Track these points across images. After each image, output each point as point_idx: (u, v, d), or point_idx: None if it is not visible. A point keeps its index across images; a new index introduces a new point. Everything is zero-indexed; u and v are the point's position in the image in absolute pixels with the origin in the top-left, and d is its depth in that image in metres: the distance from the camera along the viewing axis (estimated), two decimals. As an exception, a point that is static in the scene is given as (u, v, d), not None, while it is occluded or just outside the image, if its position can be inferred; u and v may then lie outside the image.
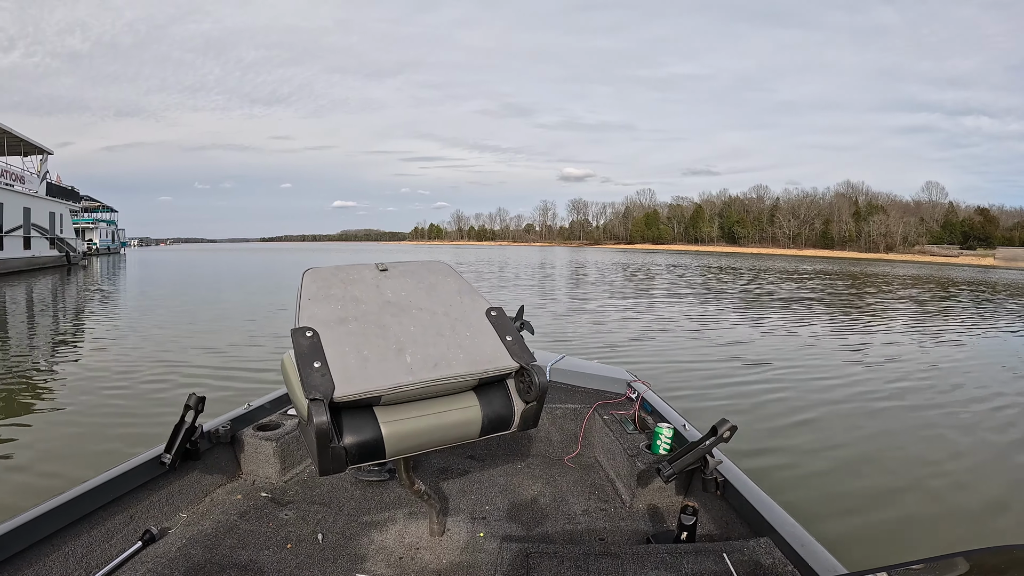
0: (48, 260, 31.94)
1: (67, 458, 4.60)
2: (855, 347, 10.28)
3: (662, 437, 2.64)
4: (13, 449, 4.81)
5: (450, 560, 2.13)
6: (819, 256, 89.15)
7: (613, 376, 3.58)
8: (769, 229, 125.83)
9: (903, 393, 7.08)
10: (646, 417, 3.06)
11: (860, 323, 13.60)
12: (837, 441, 5.29)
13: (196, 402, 2.36)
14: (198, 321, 12.48)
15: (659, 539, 2.18)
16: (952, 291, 25.03)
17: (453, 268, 1.88)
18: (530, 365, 1.62)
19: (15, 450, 4.79)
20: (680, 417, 2.89)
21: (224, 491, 2.62)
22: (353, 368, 1.44)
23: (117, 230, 63.59)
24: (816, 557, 1.66)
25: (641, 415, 3.07)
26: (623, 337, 10.74)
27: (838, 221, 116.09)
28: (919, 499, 4.15)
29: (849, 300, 19.32)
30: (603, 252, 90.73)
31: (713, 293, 20.67)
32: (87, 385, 6.91)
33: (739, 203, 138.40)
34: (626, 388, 3.39)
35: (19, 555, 1.77)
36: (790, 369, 8.23)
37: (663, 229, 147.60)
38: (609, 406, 3.24)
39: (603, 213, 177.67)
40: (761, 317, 14.20)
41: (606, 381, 3.48)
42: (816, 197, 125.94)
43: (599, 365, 3.99)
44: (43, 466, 4.41)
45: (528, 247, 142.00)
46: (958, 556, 0.89)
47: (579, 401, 3.32)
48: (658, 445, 2.65)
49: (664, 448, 2.63)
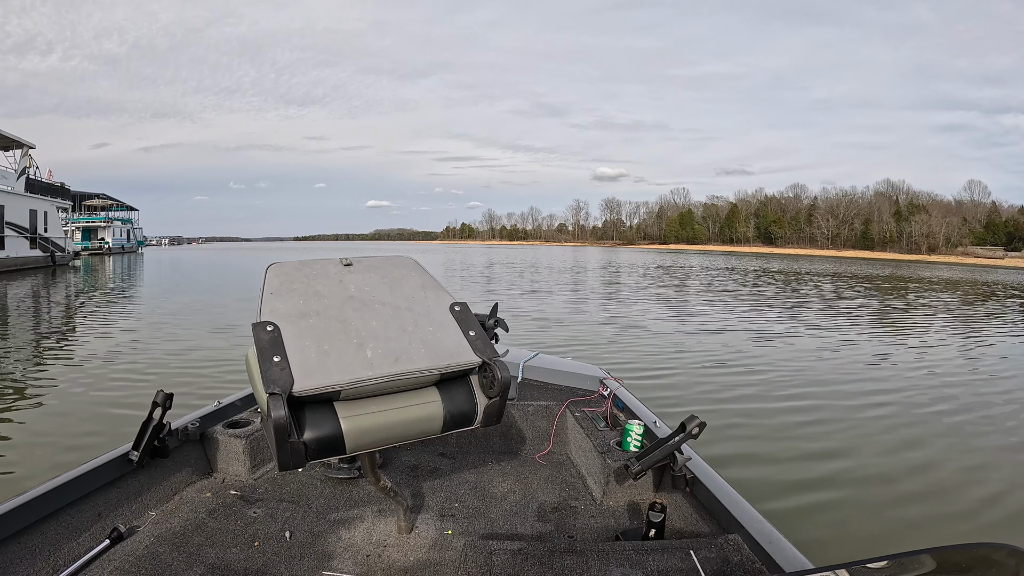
0: (28, 261, 28.80)
1: (29, 461, 4.42)
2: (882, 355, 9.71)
3: (632, 434, 2.58)
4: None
5: (417, 558, 2.06)
6: (860, 257, 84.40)
7: (586, 373, 3.56)
8: (807, 229, 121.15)
9: (904, 394, 7.03)
10: (618, 414, 3.01)
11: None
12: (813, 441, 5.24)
13: (164, 399, 2.29)
14: (168, 319, 12.39)
15: (628, 536, 2.12)
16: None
17: (418, 263, 1.82)
18: (493, 360, 1.57)
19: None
20: (651, 414, 2.89)
21: (193, 489, 2.52)
22: (313, 362, 1.41)
23: (134, 229, 61.29)
24: (783, 554, 1.65)
25: (613, 412, 3.02)
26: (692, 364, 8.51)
27: (878, 221, 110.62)
28: (891, 497, 4.13)
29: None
30: (636, 252, 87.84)
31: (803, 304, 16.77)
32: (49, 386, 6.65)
33: (775, 202, 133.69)
34: (598, 385, 3.40)
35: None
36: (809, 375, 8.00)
37: (698, 229, 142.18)
38: (581, 403, 3.18)
39: (636, 212, 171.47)
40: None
41: (579, 378, 3.48)
42: (855, 196, 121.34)
43: (572, 362, 3.98)
44: (5, 465, 4.33)
45: (560, 247, 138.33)
46: (923, 553, 0.89)
47: (551, 398, 3.27)
48: (628, 442, 2.58)
49: (635, 445, 2.57)
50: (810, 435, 5.35)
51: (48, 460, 4.40)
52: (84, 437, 4.94)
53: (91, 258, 44.28)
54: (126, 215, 61.28)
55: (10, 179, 28.36)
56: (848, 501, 4.03)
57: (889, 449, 5.05)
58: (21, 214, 28.60)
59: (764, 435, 5.32)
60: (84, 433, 5.05)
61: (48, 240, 31.18)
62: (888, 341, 10.99)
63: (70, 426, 5.24)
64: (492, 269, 34.86)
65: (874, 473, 4.52)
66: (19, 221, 28.38)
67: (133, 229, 60.88)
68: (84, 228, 51.84)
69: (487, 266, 39.16)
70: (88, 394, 6.31)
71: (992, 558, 0.83)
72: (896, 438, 5.34)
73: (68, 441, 4.86)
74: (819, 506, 3.93)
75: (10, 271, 26.32)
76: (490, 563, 1.68)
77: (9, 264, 26.77)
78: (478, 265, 40.33)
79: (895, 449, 5.06)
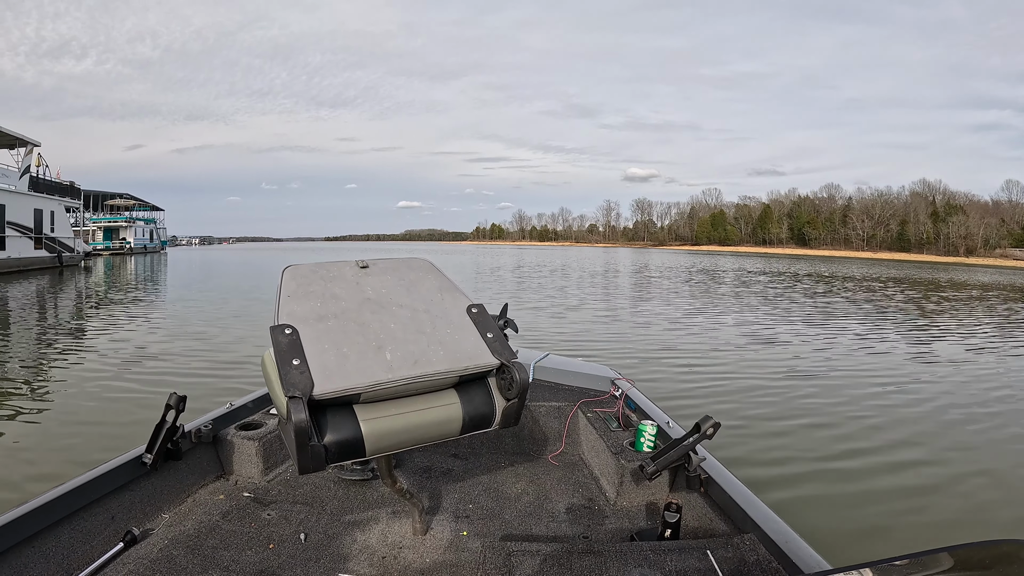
0: (32, 261, 27.05)
1: (42, 462, 4.35)
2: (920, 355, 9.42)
3: (646, 434, 2.55)
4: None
5: (433, 559, 2.04)
6: (898, 260, 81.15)
7: (597, 374, 3.51)
8: (842, 230, 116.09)
9: (906, 394, 6.84)
10: (630, 415, 2.98)
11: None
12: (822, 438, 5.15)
13: (177, 401, 2.27)
14: (177, 320, 12.08)
15: (643, 537, 2.08)
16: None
17: (434, 265, 1.79)
18: (511, 362, 1.55)
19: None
20: (663, 415, 2.85)
21: (206, 491, 2.50)
22: (332, 365, 1.39)
23: (157, 228, 60.33)
24: (800, 554, 1.63)
25: (625, 412, 2.98)
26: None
27: (915, 222, 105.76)
28: (904, 496, 4.07)
29: None
30: (668, 254, 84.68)
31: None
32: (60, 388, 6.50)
33: (809, 203, 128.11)
34: (610, 386, 3.34)
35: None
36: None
37: (730, 230, 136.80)
38: (593, 404, 3.15)
39: (668, 213, 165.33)
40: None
41: (590, 379, 3.43)
42: (891, 196, 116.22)
43: (583, 363, 3.89)
44: (19, 470, 4.22)
45: (591, 248, 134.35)
46: (942, 551, 0.86)
47: (563, 399, 3.22)
48: (641, 443, 2.55)
49: (648, 445, 2.54)
50: (830, 438, 5.20)
51: (60, 464, 4.30)
52: (98, 440, 4.83)
53: (112, 258, 43.85)
54: (150, 215, 60.39)
55: (11, 178, 26.57)
56: (863, 502, 3.93)
57: (906, 449, 4.97)
58: (24, 213, 26.87)
59: (780, 434, 5.24)
60: (100, 436, 4.94)
61: (55, 240, 29.43)
62: (919, 342, 10.70)
63: (82, 430, 5.08)
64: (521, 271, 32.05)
65: (890, 473, 4.42)
66: (22, 221, 26.64)
67: (157, 229, 60.01)
68: (106, 228, 51.37)
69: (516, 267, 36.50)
70: (101, 396, 6.14)
71: (1012, 554, 0.80)
72: (914, 439, 5.24)
73: (80, 445, 4.73)
74: (834, 506, 3.86)
75: (11, 272, 24.54)
76: (508, 564, 1.70)
77: (11, 265, 25.01)
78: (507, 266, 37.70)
79: (911, 450, 4.97)
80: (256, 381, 3.78)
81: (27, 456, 4.47)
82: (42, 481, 3.81)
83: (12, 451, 4.59)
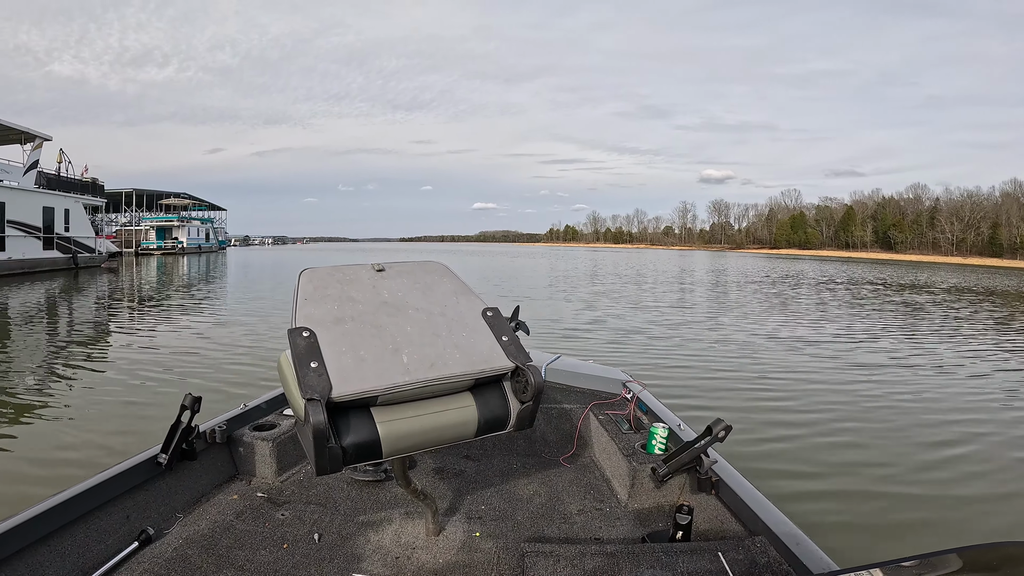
0: (41, 263, 23.57)
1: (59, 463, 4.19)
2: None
3: (657, 437, 2.49)
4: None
5: (446, 560, 1.99)
6: (992, 266, 70.65)
7: (608, 376, 3.39)
8: (929, 234, 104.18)
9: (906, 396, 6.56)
10: (641, 417, 2.91)
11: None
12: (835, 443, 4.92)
13: (192, 402, 2.21)
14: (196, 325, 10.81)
15: (655, 538, 2.04)
16: None
17: (449, 268, 1.76)
18: (526, 365, 1.53)
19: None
20: (675, 417, 2.76)
21: (220, 491, 2.45)
22: (350, 368, 1.37)
23: (214, 228, 57.90)
24: (810, 555, 1.61)
25: (636, 415, 2.91)
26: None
27: (1007, 225, 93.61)
28: (914, 498, 3.94)
29: None
30: (747, 258, 77.16)
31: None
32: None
33: (894, 204, 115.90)
34: (621, 388, 3.21)
35: (15, 555, 1.65)
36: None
37: (811, 233, 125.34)
38: (604, 406, 3.05)
39: (745, 215, 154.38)
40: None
41: (601, 381, 3.29)
42: (980, 197, 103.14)
43: (594, 365, 3.77)
44: (35, 470, 4.09)
45: (666, 250, 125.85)
46: (950, 553, 0.87)
47: (575, 401, 3.15)
48: (653, 445, 2.50)
49: (659, 448, 2.48)
50: (839, 444, 4.92)
51: (75, 465, 4.12)
52: (112, 438, 4.70)
53: (163, 257, 41.71)
54: (206, 214, 57.84)
55: (13, 174, 23.01)
56: (869, 503, 3.84)
57: (918, 453, 4.76)
58: (30, 212, 23.30)
59: (791, 439, 5.01)
60: (112, 433, 4.83)
61: (70, 240, 25.86)
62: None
63: (98, 429, 4.92)
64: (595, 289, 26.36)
65: (897, 477, 4.27)
66: (27, 219, 23.06)
67: (213, 228, 57.61)
68: (158, 228, 49.19)
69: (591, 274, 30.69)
70: (119, 398, 5.90)
71: (1020, 556, 0.81)
72: (927, 443, 5.00)
73: (96, 444, 4.58)
74: (844, 508, 3.77)
75: (13, 274, 20.90)
76: (522, 565, 1.69)
77: (12, 267, 21.37)
78: (581, 273, 31.67)
79: (924, 454, 4.75)
80: (268, 382, 3.90)
81: (37, 457, 4.30)
82: (55, 482, 3.15)
83: (24, 452, 4.42)
